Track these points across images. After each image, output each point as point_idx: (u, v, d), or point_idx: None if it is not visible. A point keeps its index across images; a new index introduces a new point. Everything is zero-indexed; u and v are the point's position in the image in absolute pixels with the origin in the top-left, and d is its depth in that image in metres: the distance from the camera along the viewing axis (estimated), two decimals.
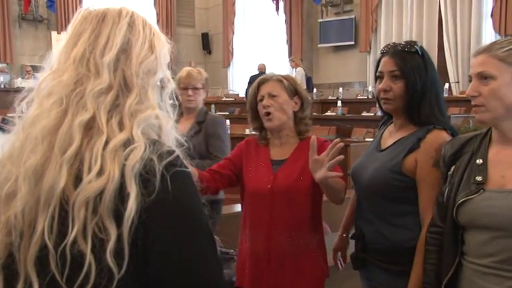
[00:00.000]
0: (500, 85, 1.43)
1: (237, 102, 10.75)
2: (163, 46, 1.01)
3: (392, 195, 1.79)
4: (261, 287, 2.03)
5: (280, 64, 11.89)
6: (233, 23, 13.71)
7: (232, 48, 13.84)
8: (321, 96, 10.02)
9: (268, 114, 2.06)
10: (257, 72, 10.50)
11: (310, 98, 2.21)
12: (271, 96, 2.07)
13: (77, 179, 0.86)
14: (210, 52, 14.81)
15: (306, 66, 11.16)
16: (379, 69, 1.85)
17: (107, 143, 0.87)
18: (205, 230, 0.91)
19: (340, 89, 9.58)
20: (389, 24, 10.16)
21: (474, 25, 8.71)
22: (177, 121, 1.03)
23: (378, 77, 1.86)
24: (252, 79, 10.18)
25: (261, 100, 2.09)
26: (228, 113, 9.68)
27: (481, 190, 1.46)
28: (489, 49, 1.46)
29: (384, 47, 1.90)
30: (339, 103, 8.34)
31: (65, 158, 0.86)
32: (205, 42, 14.69)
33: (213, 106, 9.86)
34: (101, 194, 0.84)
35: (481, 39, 8.63)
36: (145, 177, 0.85)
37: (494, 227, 1.42)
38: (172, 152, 0.90)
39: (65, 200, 0.85)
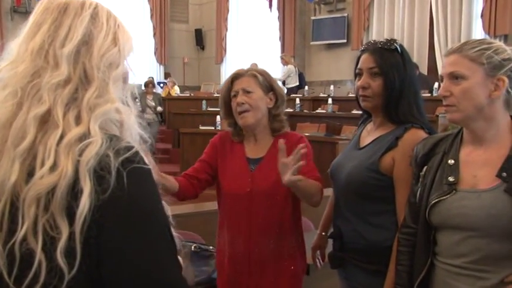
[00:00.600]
0: (471, 85, 1.44)
1: None
2: (128, 39, 0.98)
3: (370, 193, 1.79)
4: None
5: (272, 61, 11.88)
6: (226, 19, 13.68)
7: (225, 45, 13.81)
8: (312, 93, 10.03)
9: (242, 112, 1.98)
10: None
11: (284, 94, 2.13)
12: (246, 92, 1.98)
13: (29, 175, 0.82)
14: (203, 48, 14.77)
15: (298, 63, 11.15)
16: (358, 66, 1.85)
17: (62, 137, 0.83)
18: (162, 230, 0.87)
19: (332, 87, 9.59)
20: (381, 23, 10.17)
21: (464, 25, 8.72)
22: None
23: (357, 74, 1.85)
24: None
25: (235, 96, 2.01)
26: (219, 109, 9.66)
27: (454, 190, 1.46)
28: (460, 49, 1.47)
29: (364, 45, 1.90)
30: (330, 100, 8.32)
31: (17, 152, 0.82)
32: (199, 38, 14.65)
33: (204, 102, 9.88)
34: (53, 190, 0.80)
35: (471, 39, 8.62)
36: (100, 174, 0.82)
37: (467, 227, 1.43)
38: (131, 147, 0.86)
39: (16, 196, 0.82)
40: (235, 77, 2.05)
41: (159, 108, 9.88)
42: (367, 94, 1.80)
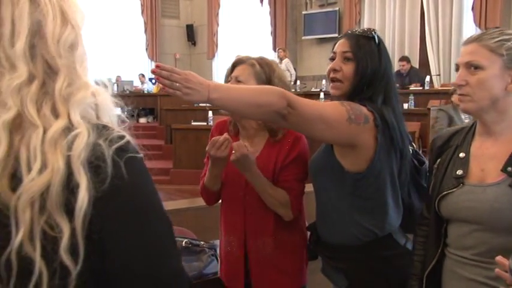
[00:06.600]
0: (488, 76, 1.41)
1: None
2: (76, 7, 0.88)
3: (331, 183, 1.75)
4: None
5: (264, 56, 11.84)
6: (218, 14, 13.65)
7: (217, 40, 13.78)
8: (304, 88, 10.03)
9: None
10: None
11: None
12: (237, 81, 1.85)
13: (13, 180, 0.77)
14: (194, 43, 14.74)
15: (290, 58, 11.15)
16: (333, 50, 1.78)
17: (44, 134, 0.78)
18: (164, 219, 0.86)
19: (323, 81, 9.58)
20: (372, 17, 10.20)
21: (455, 18, 8.78)
22: None
23: (331, 59, 1.78)
24: None
25: (228, 82, 1.88)
26: (211, 105, 9.63)
27: (461, 184, 1.47)
28: (480, 39, 1.44)
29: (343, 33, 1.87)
30: (322, 95, 8.31)
31: None
32: (190, 33, 14.61)
33: None
34: (47, 190, 0.76)
35: (462, 32, 8.71)
36: (95, 164, 0.78)
37: (473, 221, 1.44)
38: (123, 136, 0.83)
39: (4, 205, 0.76)
40: (236, 63, 1.93)
41: None
42: (337, 77, 1.73)
